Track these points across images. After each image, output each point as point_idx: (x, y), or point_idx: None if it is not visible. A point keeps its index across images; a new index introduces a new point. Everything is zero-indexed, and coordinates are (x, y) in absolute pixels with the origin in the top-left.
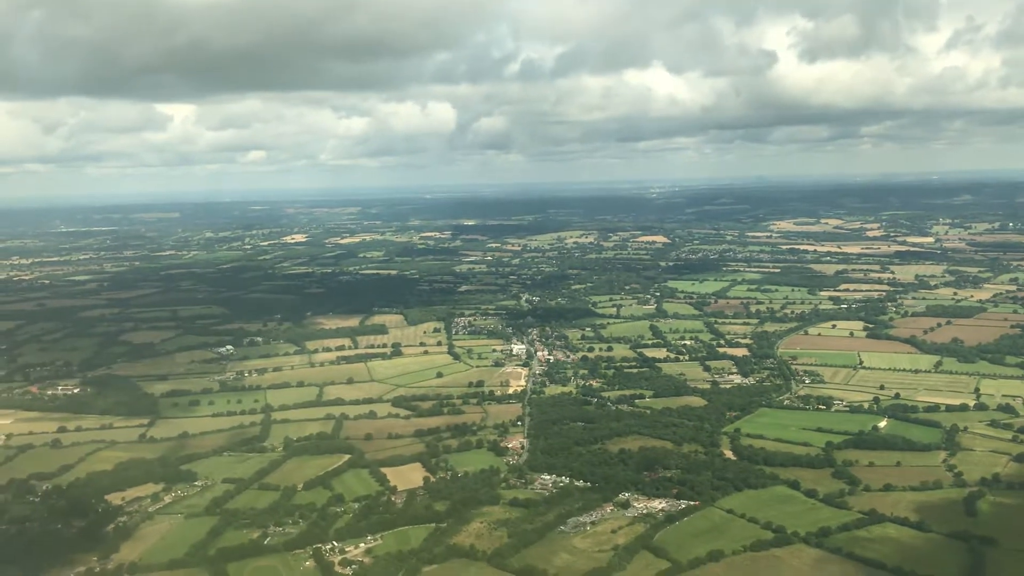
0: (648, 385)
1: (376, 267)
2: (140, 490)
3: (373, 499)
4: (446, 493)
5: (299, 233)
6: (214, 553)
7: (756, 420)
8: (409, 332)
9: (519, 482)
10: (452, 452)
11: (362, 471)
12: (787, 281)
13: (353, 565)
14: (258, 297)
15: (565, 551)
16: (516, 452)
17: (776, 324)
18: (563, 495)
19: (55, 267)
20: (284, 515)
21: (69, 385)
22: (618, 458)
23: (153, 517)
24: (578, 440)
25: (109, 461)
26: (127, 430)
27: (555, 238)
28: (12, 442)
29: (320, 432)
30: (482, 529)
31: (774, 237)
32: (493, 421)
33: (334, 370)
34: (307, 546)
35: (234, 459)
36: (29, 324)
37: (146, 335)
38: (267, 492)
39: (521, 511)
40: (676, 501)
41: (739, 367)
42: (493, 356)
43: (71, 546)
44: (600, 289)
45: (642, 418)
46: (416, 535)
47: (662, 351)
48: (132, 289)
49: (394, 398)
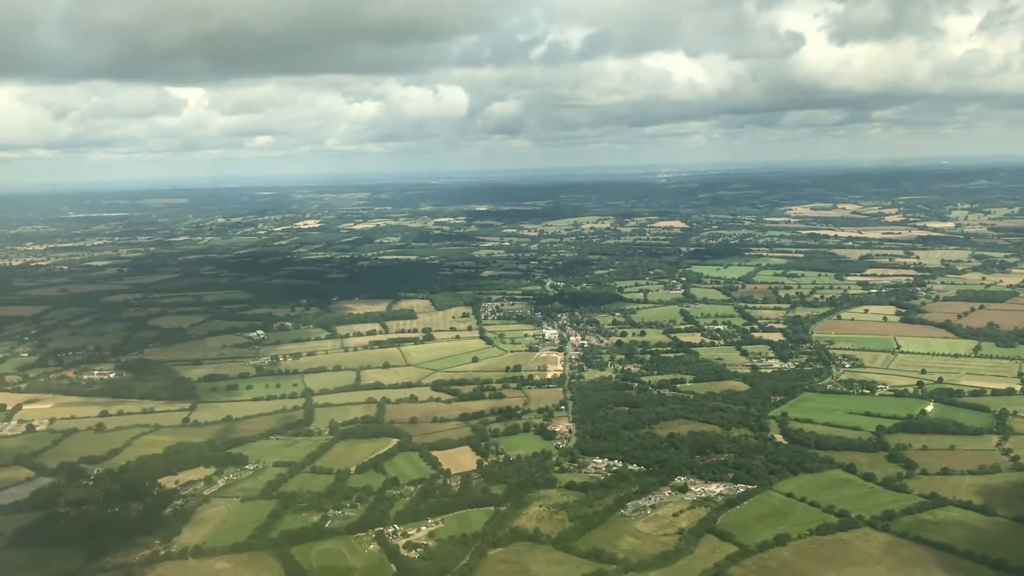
0: (687, 370)
1: (394, 252)
2: (192, 473)
3: (428, 482)
4: (501, 476)
5: (312, 219)
6: (277, 536)
7: (801, 404)
8: (437, 317)
9: (572, 466)
10: (500, 436)
11: (412, 454)
12: (812, 266)
13: (418, 548)
14: (281, 282)
15: (629, 534)
16: (564, 436)
17: (807, 309)
18: (618, 479)
19: (71, 253)
20: (341, 498)
21: (105, 370)
22: (668, 442)
23: (210, 500)
24: (625, 424)
25: (156, 445)
26: (169, 414)
27: (571, 223)
28: (56, 426)
29: (364, 416)
30: (542, 512)
31: (792, 222)
32: (536, 405)
33: (368, 354)
34: (369, 529)
35: (282, 443)
36: (55, 309)
37: (174, 320)
38: (320, 475)
39: (579, 495)
40: (733, 485)
41: (776, 352)
42: (526, 341)
43: (132, 529)
44: (624, 274)
45: (686, 403)
46: (476, 518)
47: (696, 336)
48: (152, 274)
49: (433, 382)
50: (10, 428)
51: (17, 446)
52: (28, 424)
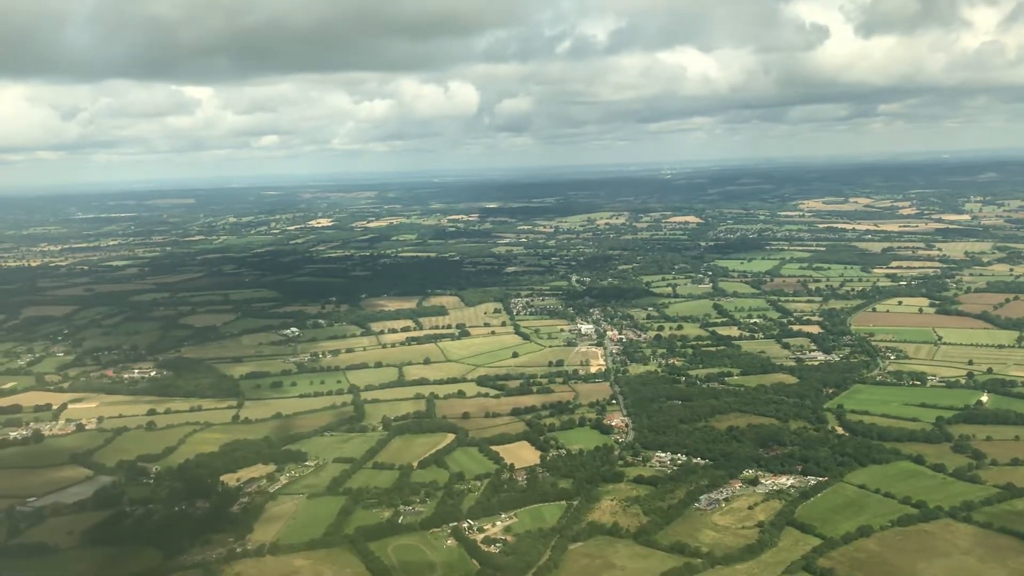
0: (732, 363)
1: (412, 250)
2: (252, 471)
3: (494, 477)
4: (566, 471)
5: (324, 217)
6: (352, 532)
7: (854, 396)
8: (469, 313)
9: (635, 460)
10: (555, 430)
11: (470, 449)
12: (837, 259)
13: (497, 543)
14: (305, 280)
15: (708, 528)
16: (621, 430)
17: (840, 301)
18: (686, 472)
19: (87, 253)
20: (409, 494)
21: (145, 368)
22: (729, 435)
23: (276, 497)
24: (682, 418)
25: (211, 443)
26: (217, 412)
27: (585, 220)
28: (105, 425)
29: (416, 412)
30: (614, 507)
31: (807, 216)
32: (586, 400)
33: (407, 351)
34: (443, 524)
35: (337, 439)
36: (84, 309)
37: (205, 318)
38: (383, 471)
39: (648, 488)
40: (803, 477)
41: (818, 344)
42: (562, 336)
43: (204, 527)
44: (648, 269)
45: (738, 396)
46: (550, 513)
47: (733, 329)
48: (175, 274)
49: (477, 378)
50: (59, 427)
51: (71, 445)
52: (77, 423)
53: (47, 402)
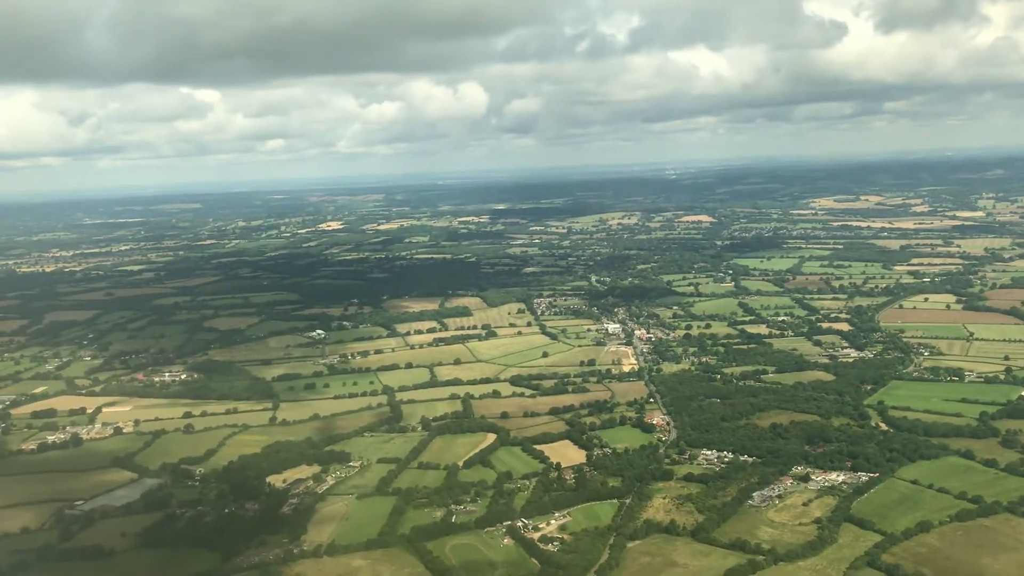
0: (765, 361)
1: (427, 251)
2: (297, 472)
3: (542, 476)
4: (614, 469)
5: (333, 220)
6: (408, 532)
7: (893, 392)
8: (492, 313)
9: (681, 458)
10: (597, 429)
11: (514, 449)
12: (857, 257)
13: (554, 542)
14: (324, 283)
15: (765, 524)
16: (663, 428)
17: (865, 298)
18: (735, 470)
19: (100, 258)
20: (459, 493)
21: (175, 371)
22: (774, 432)
23: (325, 498)
24: (723, 416)
25: (252, 444)
26: (253, 414)
27: (597, 220)
28: (143, 428)
29: (454, 412)
30: (668, 504)
31: (819, 214)
32: (623, 399)
33: (435, 351)
34: (497, 523)
35: (378, 439)
36: (107, 313)
37: (230, 321)
38: (428, 471)
39: (699, 486)
40: (853, 473)
41: (849, 341)
42: (590, 336)
43: (257, 528)
44: (668, 268)
45: (776, 393)
46: (603, 511)
47: (761, 327)
48: (192, 277)
49: (511, 377)
50: (96, 431)
51: (111, 448)
52: (114, 427)
53: (81, 406)
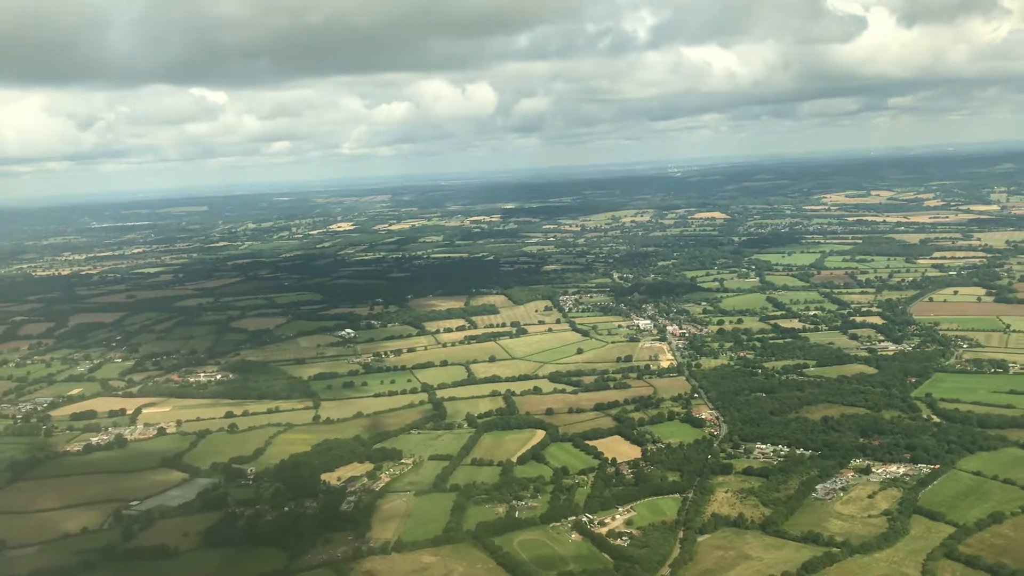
0: (803, 355)
1: (443, 251)
2: (349, 469)
3: (599, 471)
4: (671, 464)
5: (344, 221)
6: (474, 528)
7: (939, 385)
8: (519, 311)
9: (737, 452)
10: (645, 425)
11: (564, 445)
12: (878, 251)
13: (622, 536)
14: (344, 283)
15: (833, 517)
16: (712, 423)
17: (893, 292)
18: (793, 463)
19: (114, 261)
20: (518, 489)
21: (209, 372)
22: (826, 426)
23: (384, 495)
24: (772, 410)
25: (299, 443)
26: (295, 413)
27: (610, 218)
28: (186, 428)
29: (498, 409)
30: (731, 498)
31: (832, 210)
32: (667, 394)
33: (468, 349)
34: (561, 519)
35: (426, 436)
36: (132, 315)
37: (257, 322)
38: (483, 467)
39: (760, 480)
40: (914, 465)
41: (884, 335)
42: (622, 332)
43: (320, 526)
44: (690, 265)
45: (822, 387)
46: (666, 506)
47: (793, 322)
48: (211, 279)
49: (549, 374)
50: (140, 432)
51: (157, 449)
52: (157, 427)
53: (120, 407)
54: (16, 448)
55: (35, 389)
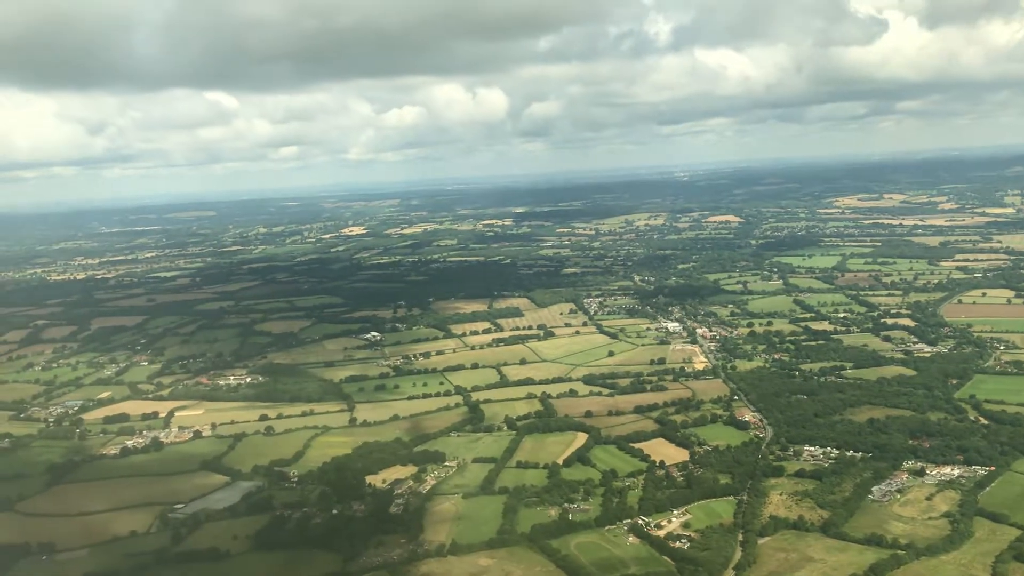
0: (838, 357)
1: (458, 254)
2: (393, 472)
3: (648, 474)
4: (719, 466)
5: (355, 226)
6: (529, 531)
7: (981, 387)
8: (544, 313)
9: (785, 454)
10: (688, 427)
11: (609, 447)
12: (899, 254)
13: (681, 539)
14: (364, 286)
15: (893, 519)
16: (756, 425)
17: (920, 294)
18: (845, 465)
19: (128, 265)
20: (568, 492)
21: (239, 375)
22: (873, 428)
23: (431, 498)
24: (816, 412)
25: (337, 446)
26: (330, 415)
27: (623, 221)
28: (221, 431)
29: (536, 411)
30: (786, 501)
31: (847, 213)
32: (705, 396)
33: (497, 352)
34: (616, 521)
35: (466, 439)
36: (154, 318)
37: (280, 325)
38: (528, 470)
39: (814, 482)
40: (968, 467)
41: (918, 336)
42: (651, 334)
43: (372, 528)
44: (710, 267)
45: (862, 389)
46: (721, 508)
47: (824, 324)
48: (229, 283)
49: (583, 377)
50: (175, 435)
51: (194, 452)
52: (193, 430)
53: (152, 410)
54: (53, 451)
55: (63, 392)
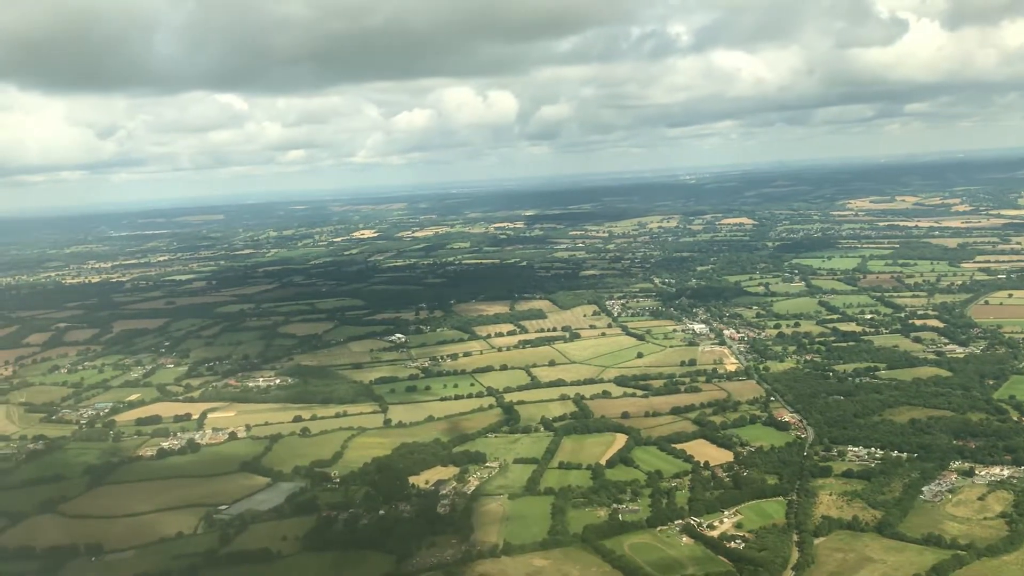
0: (870, 358)
1: (473, 257)
2: (435, 473)
3: (694, 475)
4: (765, 467)
5: (366, 229)
6: (581, 531)
7: (1020, 387)
8: (567, 315)
9: (829, 455)
10: (728, 428)
11: (650, 448)
12: (919, 255)
13: (736, 540)
14: (382, 288)
15: (947, 519)
16: (796, 426)
17: (945, 295)
18: (892, 465)
19: (142, 268)
20: (615, 492)
21: (267, 376)
22: (915, 428)
23: (477, 499)
24: (855, 412)
25: (375, 447)
26: (363, 416)
27: (636, 224)
28: (256, 432)
29: (571, 413)
30: (837, 501)
31: (860, 215)
32: (742, 397)
33: (524, 353)
34: (668, 522)
35: (503, 440)
36: (176, 321)
37: (303, 327)
38: (571, 471)
39: (862, 483)
40: (1017, 467)
41: (948, 337)
42: (678, 336)
43: (422, 529)
44: (729, 269)
45: (899, 389)
46: (772, 509)
47: (851, 325)
48: (246, 286)
49: (614, 378)
50: (210, 436)
51: (231, 453)
52: (228, 432)
53: (185, 412)
54: (89, 453)
55: (92, 395)
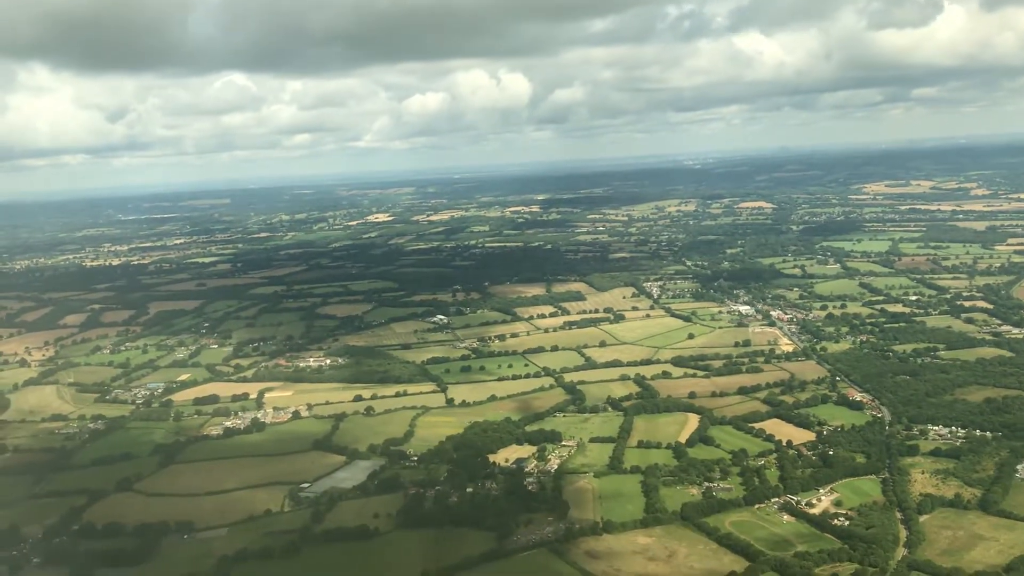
0: (927, 338)
1: (495, 240)
2: (513, 451)
3: (780, 454)
4: (849, 446)
5: (379, 213)
6: (680, 509)
7: None
8: (605, 297)
9: (910, 433)
10: (800, 407)
11: (726, 427)
12: (950, 238)
13: (839, 517)
14: (412, 271)
15: None
16: (869, 405)
17: (986, 277)
18: (979, 444)
19: (159, 252)
20: (703, 471)
21: (318, 357)
22: (991, 407)
23: (563, 477)
24: (927, 392)
25: (443, 425)
26: (423, 396)
27: (654, 208)
28: (318, 411)
29: (636, 393)
30: (931, 479)
31: (879, 199)
32: (807, 377)
33: (572, 334)
34: (764, 500)
35: (573, 419)
36: (211, 302)
37: (343, 308)
38: (652, 450)
39: (951, 461)
40: None
41: (1000, 318)
42: (724, 317)
43: (517, 507)
44: (760, 252)
45: (966, 369)
46: (867, 487)
47: (897, 307)
48: (270, 268)
49: (671, 359)
50: (273, 415)
51: (299, 431)
52: (292, 411)
53: (242, 392)
54: (154, 433)
55: (141, 375)
